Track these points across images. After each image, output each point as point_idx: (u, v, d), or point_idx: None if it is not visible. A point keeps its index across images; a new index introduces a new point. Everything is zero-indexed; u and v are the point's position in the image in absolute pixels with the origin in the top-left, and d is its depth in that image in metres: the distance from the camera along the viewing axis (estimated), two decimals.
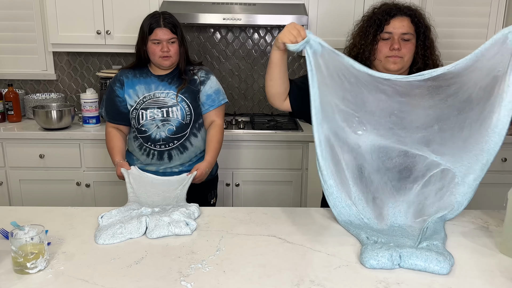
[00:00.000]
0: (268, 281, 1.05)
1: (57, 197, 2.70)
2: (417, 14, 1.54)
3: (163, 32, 1.83)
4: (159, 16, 1.85)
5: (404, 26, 1.51)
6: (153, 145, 1.89)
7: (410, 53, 1.53)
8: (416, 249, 1.13)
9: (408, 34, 1.51)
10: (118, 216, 1.36)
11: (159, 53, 1.84)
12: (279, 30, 3.11)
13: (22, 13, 2.98)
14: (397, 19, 1.52)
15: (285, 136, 2.65)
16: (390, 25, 1.51)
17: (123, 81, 1.93)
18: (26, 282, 1.03)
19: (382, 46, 1.53)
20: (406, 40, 1.52)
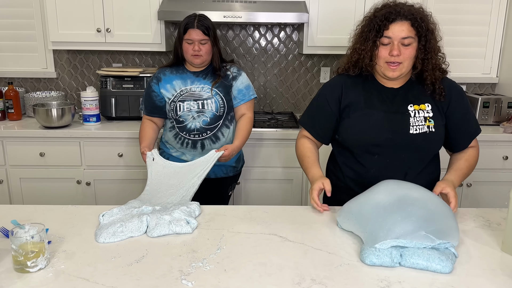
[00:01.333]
0: (269, 280, 1.05)
1: (57, 196, 2.70)
2: (418, 17, 1.47)
3: (196, 32, 2.00)
4: (195, 18, 2.02)
5: (403, 31, 1.45)
6: (188, 135, 2.07)
7: (410, 58, 1.47)
8: (418, 248, 1.13)
9: (408, 38, 1.46)
10: (119, 215, 1.36)
11: (191, 51, 2.02)
12: (280, 28, 3.11)
13: (22, 11, 2.98)
14: (396, 23, 1.46)
15: (286, 134, 2.64)
16: (390, 30, 1.46)
17: (161, 77, 2.11)
18: (27, 281, 1.03)
19: (381, 51, 1.48)
20: (406, 44, 1.46)
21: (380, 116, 1.52)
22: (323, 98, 1.63)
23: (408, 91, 1.55)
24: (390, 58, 1.46)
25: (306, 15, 2.63)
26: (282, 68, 3.19)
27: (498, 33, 3.03)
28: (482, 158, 2.70)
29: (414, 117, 1.51)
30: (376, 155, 1.53)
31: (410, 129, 1.50)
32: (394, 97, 1.54)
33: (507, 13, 2.99)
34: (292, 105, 3.26)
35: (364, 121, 1.53)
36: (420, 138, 1.50)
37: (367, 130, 1.52)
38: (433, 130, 1.51)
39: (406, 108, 1.52)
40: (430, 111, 1.52)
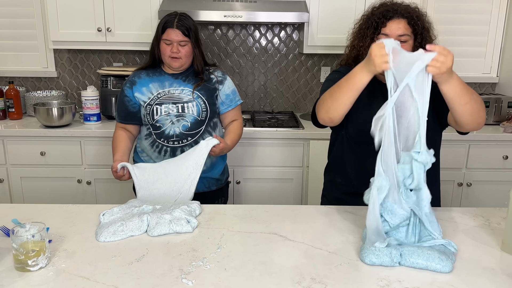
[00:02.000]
0: (269, 279, 1.05)
1: (58, 195, 2.70)
2: (414, 15, 1.52)
3: (175, 33, 1.83)
4: (175, 17, 1.85)
5: (400, 28, 1.50)
6: (166, 141, 1.87)
7: None
8: (418, 247, 1.13)
9: (405, 35, 1.51)
10: (119, 214, 1.36)
11: (169, 53, 1.85)
12: (280, 27, 3.11)
13: (22, 11, 2.98)
14: (394, 21, 1.51)
15: (286, 133, 2.64)
16: (387, 27, 1.51)
17: (135, 81, 1.92)
18: (27, 280, 1.04)
19: None
20: (403, 41, 1.50)
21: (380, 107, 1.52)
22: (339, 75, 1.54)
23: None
24: None
25: (307, 14, 2.63)
26: (283, 67, 3.19)
27: (498, 32, 3.03)
28: (482, 158, 2.71)
29: None
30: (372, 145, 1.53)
31: None
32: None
33: (507, 12, 2.99)
34: (292, 105, 3.26)
35: (364, 114, 1.53)
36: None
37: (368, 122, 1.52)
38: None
39: None
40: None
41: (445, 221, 1.39)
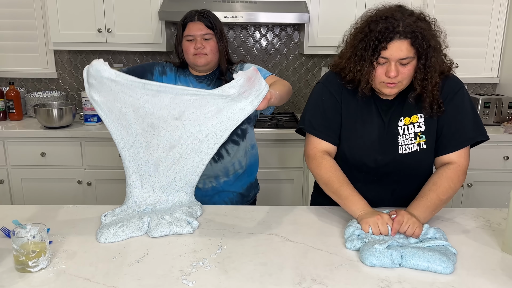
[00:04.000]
0: (269, 280, 1.05)
1: (58, 196, 2.70)
2: (419, 34, 1.29)
3: (196, 26, 1.65)
4: (196, 12, 1.69)
5: (402, 51, 1.29)
6: None
7: (409, 77, 1.33)
8: (419, 249, 1.13)
9: (407, 58, 1.30)
10: (120, 215, 1.36)
11: (192, 50, 1.65)
12: (280, 28, 3.11)
13: (23, 12, 2.98)
14: (395, 42, 1.28)
15: (286, 134, 2.64)
16: (387, 50, 1.29)
17: (166, 71, 1.75)
18: (28, 281, 1.04)
19: (378, 72, 1.33)
20: (405, 64, 1.31)
21: (373, 136, 1.42)
22: (328, 95, 1.45)
23: (401, 101, 1.42)
24: (386, 79, 1.32)
25: (307, 15, 2.63)
26: (283, 68, 3.19)
27: (499, 33, 3.03)
28: (482, 158, 2.71)
29: (403, 134, 1.41)
30: (364, 172, 1.46)
31: (399, 149, 1.41)
32: (388, 109, 1.43)
33: (507, 13, 2.99)
34: (292, 105, 3.26)
35: (356, 137, 1.44)
36: (410, 158, 1.41)
37: (358, 148, 1.44)
38: (424, 147, 1.41)
39: (397, 123, 1.41)
40: (422, 124, 1.40)
41: (446, 221, 1.39)
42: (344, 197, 1.36)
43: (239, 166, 1.74)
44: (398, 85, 1.34)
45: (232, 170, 1.72)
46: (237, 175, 1.75)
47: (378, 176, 1.46)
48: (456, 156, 1.39)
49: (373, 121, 1.43)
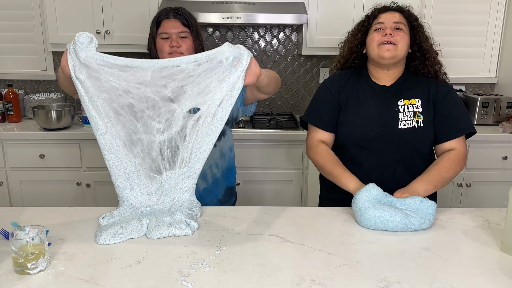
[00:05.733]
0: (268, 280, 1.05)
1: (57, 197, 2.70)
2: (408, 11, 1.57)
3: (172, 24, 1.60)
4: (170, 9, 1.65)
5: (395, 17, 1.53)
6: None
7: (404, 41, 1.52)
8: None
9: (400, 23, 1.52)
10: (119, 216, 1.35)
11: (168, 49, 1.60)
12: (279, 29, 3.11)
13: (21, 13, 2.98)
14: (387, 13, 1.55)
15: (285, 135, 2.65)
16: (380, 18, 1.55)
17: None
18: (27, 283, 1.03)
19: (374, 35, 1.54)
20: (399, 29, 1.52)
21: (372, 112, 1.56)
22: (325, 90, 1.64)
23: (399, 88, 1.58)
24: (383, 39, 1.50)
25: (305, 16, 2.64)
26: (282, 69, 3.19)
27: (497, 33, 3.03)
28: (481, 158, 2.71)
29: (403, 112, 1.54)
30: (366, 150, 1.56)
31: (399, 124, 1.53)
32: (385, 93, 1.58)
33: (505, 13, 3.00)
34: (291, 106, 3.26)
35: (356, 116, 1.57)
36: (409, 133, 1.52)
37: (359, 125, 1.56)
38: (422, 125, 1.53)
39: (396, 104, 1.55)
40: (419, 106, 1.54)
41: (445, 221, 1.40)
42: (337, 175, 1.52)
43: (216, 169, 1.69)
44: (395, 48, 1.49)
45: (209, 173, 1.67)
46: (216, 180, 1.71)
47: (379, 154, 1.54)
48: (456, 144, 1.54)
49: (372, 101, 1.57)
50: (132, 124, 1.33)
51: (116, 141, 1.33)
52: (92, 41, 1.27)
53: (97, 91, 1.29)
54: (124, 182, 1.38)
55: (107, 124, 1.32)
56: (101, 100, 1.30)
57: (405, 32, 1.52)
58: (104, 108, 1.31)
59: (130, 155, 1.35)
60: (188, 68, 1.24)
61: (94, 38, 1.28)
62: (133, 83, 1.27)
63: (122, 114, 1.32)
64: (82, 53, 1.25)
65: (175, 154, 1.37)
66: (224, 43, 1.25)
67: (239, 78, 1.26)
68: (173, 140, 1.35)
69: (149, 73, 1.25)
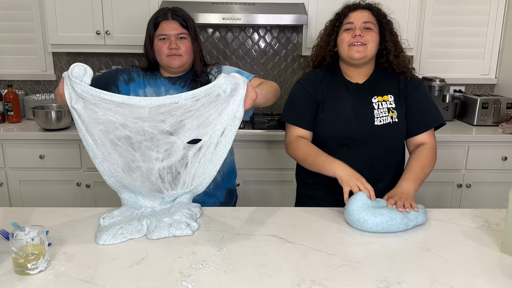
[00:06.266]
0: (269, 281, 1.05)
1: (57, 198, 2.70)
2: (377, 9, 1.59)
3: (170, 25, 1.57)
4: (168, 10, 1.61)
5: (364, 16, 1.55)
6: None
7: (373, 41, 1.55)
8: None
9: (369, 23, 1.55)
10: (119, 217, 1.36)
11: (166, 51, 1.57)
12: (279, 29, 3.12)
13: (21, 14, 2.98)
14: (357, 11, 1.57)
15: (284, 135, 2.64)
16: (350, 16, 1.56)
17: (134, 78, 1.66)
18: (27, 283, 1.03)
19: (344, 36, 1.56)
20: (368, 28, 1.54)
21: (348, 110, 1.59)
22: (302, 89, 1.66)
23: (371, 85, 1.62)
24: (353, 40, 1.53)
25: (305, 16, 2.64)
26: (281, 69, 3.19)
27: (497, 34, 3.04)
28: (481, 159, 2.71)
29: (378, 109, 1.58)
30: (344, 146, 1.59)
31: (375, 120, 1.57)
32: (359, 91, 1.62)
33: (505, 14, 3.00)
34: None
35: (333, 115, 1.60)
36: (385, 129, 1.57)
37: (337, 123, 1.59)
38: (396, 120, 1.58)
39: (371, 101, 1.60)
40: (392, 102, 1.59)
41: (445, 222, 1.40)
42: (322, 163, 1.52)
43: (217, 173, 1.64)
44: (364, 48, 1.53)
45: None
46: (217, 184, 1.70)
47: (357, 150, 1.58)
48: (427, 137, 1.61)
49: (347, 99, 1.61)
50: (129, 153, 1.36)
51: (114, 168, 1.38)
52: (86, 72, 1.28)
53: (93, 122, 1.31)
54: (129, 194, 1.44)
55: (104, 153, 1.36)
56: (97, 131, 1.33)
57: (375, 31, 1.56)
58: (100, 138, 1.34)
59: (129, 179, 1.39)
60: (186, 104, 1.27)
61: (88, 68, 1.28)
62: (130, 118, 1.30)
63: (119, 145, 1.34)
64: (77, 88, 1.27)
65: (177, 178, 1.40)
66: (219, 76, 1.26)
67: (239, 108, 1.28)
68: (173, 167, 1.38)
69: (147, 110, 1.28)
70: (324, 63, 1.67)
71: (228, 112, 1.29)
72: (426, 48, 3.04)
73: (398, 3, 2.72)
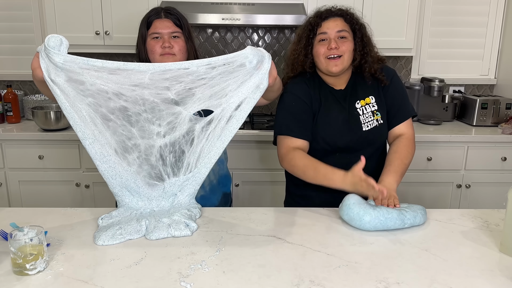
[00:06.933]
0: (267, 281, 1.05)
1: (56, 198, 2.70)
2: (349, 13, 1.56)
3: (164, 24, 1.54)
4: (161, 9, 1.59)
5: (338, 25, 1.52)
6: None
7: (349, 50, 1.54)
8: None
9: (344, 31, 1.52)
10: (118, 217, 1.35)
11: (159, 50, 1.54)
12: (278, 30, 3.11)
13: (20, 14, 2.98)
14: (329, 20, 1.53)
15: None
16: (324, 26, 1.52)
17: None
18: (26, 284, 1.03)
19: (319, 48, 1.53)
20: (343, 37, 1.52)
21: (339, 120, 1.59)
22: (298, 100, 1.59)
23: (353, 90, 1.62)
24: (329, 52, 1.51)
25: (304, 17, 2.63)
26: (281, 70, 3.19)
27: (496, 34, 3.04)
28: (480, 159, 2.72)
29: (363, 114, 1.59)
30: (337, 152, 1.60)
31: (362, 127, 1.59)
32: (345, 98, 1.61)
33: (504, 14, 3.00)
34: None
35: (325, 126, 1.59)
36: (373, 133, 1.60)
37: (329, 133, 1.59)
38: (382, 121, 1.61)
39: (355, 107, 1.60)
40: (374, 104, 1.61)
41: (444, 222, 1.40)
42: (323, 175, 1.46)
43: (213, 175, 1.65)
44: (341, 60, 1.52)
45: (207, 180, 1.62)
46: (213, 187, 1.68)
47: (349, 156, 1.58)
48: (405, 127, 1.63)
49: (336, 108, 1.60)
50: (125, 129, 1.25)
51: (106, 149, 1.25)
52: (62, 42, 1.19)
53: (80, 95, 1.18)
54: (122, 190, 1.36)
55: (94, 131, 1.23)
56: (85, 105, 1.19)
57: (349, 39, 1.54)
58: (90, 114, 1.20)
59: (124, 164, 1.29)
60: (198, 71, 1.18)
61: (64, 39, 1.20)
62: (126, 85, 1.18)
63: (112, 120, 1.22)
64: (58, 58, 1.16)
65: (180, 160, 1.32)
66: (247, 47, 1.22)
67: (263, 80, 1.24)
68: (176, 144, 1.29)
69: (148, 75, 1.18)
70: (306, 75, 1.62)
71: (249, 85, 1.23)
72: (426, 49, 3.04)
73: (397, 4, 2.72)
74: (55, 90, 1.17)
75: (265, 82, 1.25)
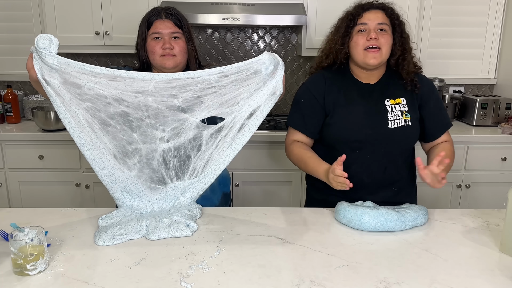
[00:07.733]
0: (268, 282, 1.05)
1: (56, 199, 2.69)
2: (390, 7, 1.54)
3: (164, 24, 1.54)
4: (161, 9, 1.59)
5: (379, 17, 1.49)
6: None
7: (388, 44, 1.50)
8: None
9: (384, 24, 1.49)
10: (118, 217, 1.35)
11: (160, 50, 1.53)
12: (278, 30, 3.12)
13: (20, 14, 2.98)
14: (371, 12, 1.51)
15: (284, 136, 2.64)
16: (364, 17, 1.50)
17: None
18: (26, 284, 1.03)
19: (358, 39, 1.50)
20: (382, 30, 1.49)
21: (360, 112, 1.55)
22: (308, 94, 1.59)
23: (383, 87, 1.58)
24: (368, 43, 1.48)
25: (304, 17, 2.64)
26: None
27: (496, 34, 3.04)
28: (480, 159, 2.72)
29: (392, 111, 1.55)
30: (357, 150, 1.55)
31: (388, 123, 1.54)
32: (372, 93, 1.57)
33: (504, 14, 3.00)
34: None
35: (345, 118, 1.55)
36: (398, 132, 1.54)
37: (349, 127, 1.55)
38: (410, 123, 1.56)
39: (383, 103, 1.56)
40: (405, 105, 1.56)
41: (444, 222, 1.40)
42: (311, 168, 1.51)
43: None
44: (380, 53, 1.48)
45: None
46: (213, 188, 1.66)
47: (370, 154, 1.55)
48: (445, 137, 1.64)
49: (359, 102, 1.56)
50: (125, 134, 1.22)
51: (104, 155, 1.23)
52: (52, 42, 1.16)
53: (77, 99, 1.14)
54: (123, 193, 1.35)
55: (92, 137, 1.20)
56: (82, 110, 1.15)
57: (388, 33, 1.51)
58: (87, 118, 1.16)
59: (123, 168, 1.27)
60: (209, 79, 1.17)
61: (53, 38, 1.16)
62: (128, 92, 1.15)
63: (112, 125, 1.19)
64: (51, 60, 1.13)
65: (185, 164, 1.30)
66: (263, 53, 1.21)
67: (278, 86, 1.23)
68: (181, 148, 1.27)
69: (152, 83, 1.15)
70: (335, 66, 1.59)
71: (263, 92, 1.21)
72: (426, 49, 3.04)
73: (397, 4, 2.72)
74: (50, 93, 1.13)
75: (281, 89, 1.24)
